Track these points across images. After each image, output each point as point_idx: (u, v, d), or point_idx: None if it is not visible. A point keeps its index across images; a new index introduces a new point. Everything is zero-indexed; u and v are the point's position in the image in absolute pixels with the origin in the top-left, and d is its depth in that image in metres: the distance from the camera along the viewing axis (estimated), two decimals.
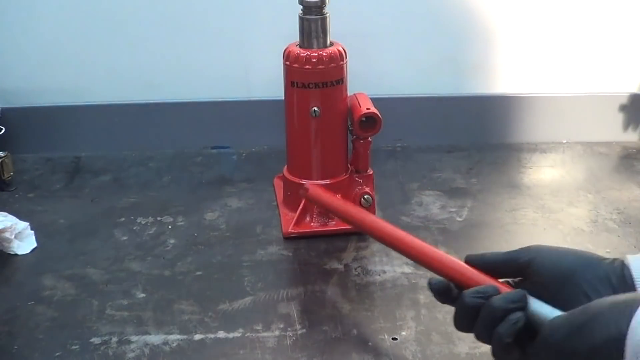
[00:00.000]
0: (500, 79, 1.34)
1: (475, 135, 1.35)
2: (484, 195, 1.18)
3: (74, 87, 1.31)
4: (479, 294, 0.61)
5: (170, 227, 1.08)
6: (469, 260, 0.70)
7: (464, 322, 0.62)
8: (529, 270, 0.68)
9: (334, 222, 1.05)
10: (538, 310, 0.59)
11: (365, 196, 1.07)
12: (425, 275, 0.91)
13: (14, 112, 1.29)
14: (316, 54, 1.01)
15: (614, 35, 1.31)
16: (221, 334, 0.85)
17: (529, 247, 0.69)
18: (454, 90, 1.34)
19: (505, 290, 0.62)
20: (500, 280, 0.64)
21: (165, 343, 0.83)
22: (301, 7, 1.02)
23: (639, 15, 1.30)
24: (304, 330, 0.85)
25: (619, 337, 0.53)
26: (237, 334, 0.85)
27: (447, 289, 0.64)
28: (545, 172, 1.26)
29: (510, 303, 0.61)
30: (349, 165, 1.09)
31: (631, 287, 0.64)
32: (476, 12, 1.29)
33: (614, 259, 0.66)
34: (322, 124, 1.04)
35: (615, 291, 0.63)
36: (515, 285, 0.65)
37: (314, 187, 0.95)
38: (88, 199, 1.18)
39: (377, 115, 1.03)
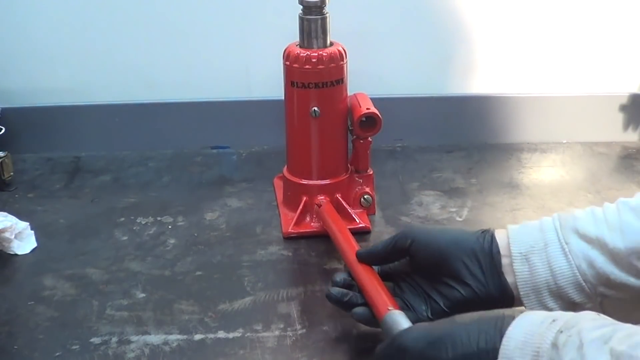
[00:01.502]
0: (501, 79, 1.33)
1: (475, 135, 1.35)
2: (484, 195, 1.18)
3: (74, 87, 1.31)
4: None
5: (170, 227, 1.08)
6: (360, 258, 0.80)
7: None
8: (411, 253, 0.76)
9: None
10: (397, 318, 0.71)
11: (365, 196, 1.07)
12: None
13: (14, 112, 1.28)
14: (316, 54, 1.01)
15: (614, 36, 1.31)
16: (221, 334, 0.85)
17: (405, 231, 0.77)
18: (454, 90, 1.34)
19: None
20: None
21: (165, 343, 0.83)
22: (301, 7, 1.02)
23: (638, 15, 1.30)
24: (304, 330, 0.85)
25: (492, 349, 0.57)
26: (237, 334, 0.85)
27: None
28: (545, 172, 1.26)
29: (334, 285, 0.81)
30: (349, 165, 1.09)
31: (496, 259, 0.69)
32: (476, 12, 1.29)
33: (484, 232, 0.72)
34: (322, 124, 1.04)
35: (481, 266, 0.72)
36: (404, 266, 0.79)
37: (329, 205, 0.99)
38: (88, 199, 1.18)
39: (377, 115, 1.03)
